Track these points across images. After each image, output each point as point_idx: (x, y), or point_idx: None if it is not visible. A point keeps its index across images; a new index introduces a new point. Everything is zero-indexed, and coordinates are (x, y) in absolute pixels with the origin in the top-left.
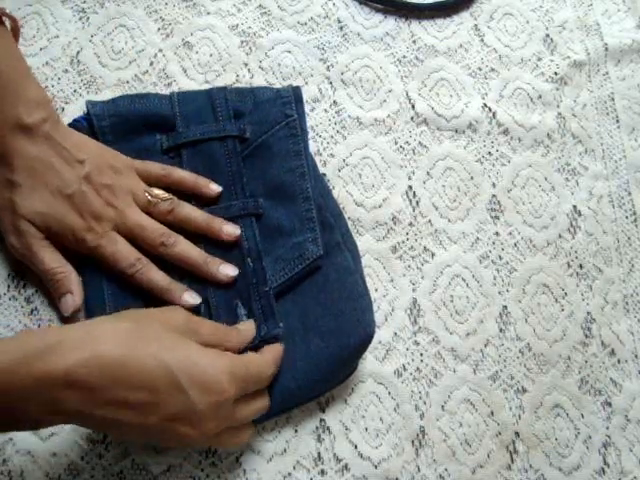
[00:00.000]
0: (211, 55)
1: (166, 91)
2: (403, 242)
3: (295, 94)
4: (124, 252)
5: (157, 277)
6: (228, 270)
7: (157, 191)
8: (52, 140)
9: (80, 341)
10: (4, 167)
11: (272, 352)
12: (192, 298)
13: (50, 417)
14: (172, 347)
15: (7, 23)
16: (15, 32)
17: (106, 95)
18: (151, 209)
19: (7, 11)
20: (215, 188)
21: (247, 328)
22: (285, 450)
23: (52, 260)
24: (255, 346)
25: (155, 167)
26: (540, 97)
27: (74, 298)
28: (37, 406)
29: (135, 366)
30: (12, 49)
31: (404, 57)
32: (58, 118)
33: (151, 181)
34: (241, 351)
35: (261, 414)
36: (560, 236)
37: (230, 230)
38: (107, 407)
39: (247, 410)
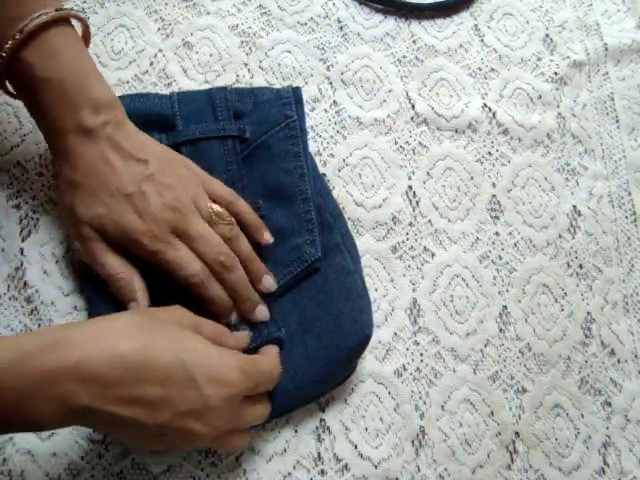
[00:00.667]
0: (211, 55)
1: (166, 91)
2: (403, 242)
3: (295, 95)
4: (187, 259)
5: (220, 292)
6: (261, 315)
7: (220, 210)
8: (113, 141)
9: (93, 334)
10: (68, 167)
11: (273, 353)
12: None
13: (57, 416)
14: (184, 341)
15: (77, 25)
16: (86, 36)
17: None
18: (211, 226)
19: (75, 12)
20: (268, 239)
21: (242, 335)
22: (285, 450)
23: (114, 266)
24: (254, 348)
25: (223, 190)
26: (540, 97)
27: (138, 305)
28: (45, 403)
29: (150, 360)
30: (78, 50)
31: (404, 57)
32: (124, 118)
33: (212, 199)
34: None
35: (262, 421)
36: (560, 236)
37: (268, 284)
38: (119, 404)
39: (251, 413)
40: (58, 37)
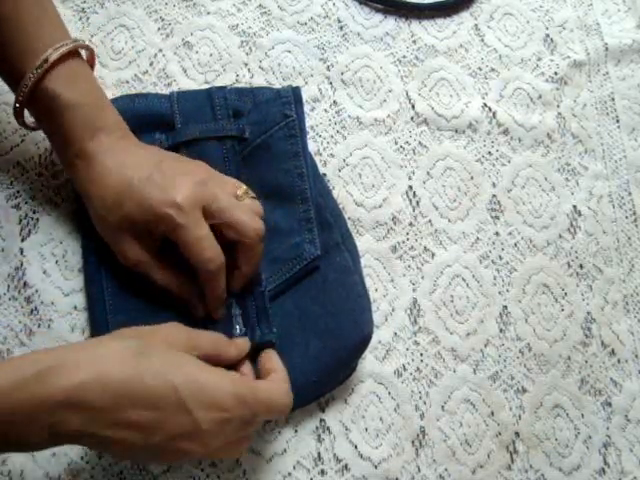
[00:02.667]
0: (211, 55)
1: (166, 91)
2: (403, 242)
3: (295, 95)
4: (209, 242)
5: (224, 285)
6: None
7: (244, 185)
8: (129, 147)
9: (82, 362)
10: (92, 184)
11: (280, 381)
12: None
13: (49, 440)
14: (176, 365)
15: (83, 53)
16: (91, 61)
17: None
18: (238, 200)
19: (84, 42)
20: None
21: (242, 342)
22: (285, 450)
23: (159, 280)
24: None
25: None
26: (540, 97)
27: (196, 308)
28: (38, 429)
29: (140, 385)
30: (91, 77)
31: (404, 57)
32: (130, 133)
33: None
34: (239, 361)
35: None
36: (560, 236)
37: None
38: (111, 428)
39: (246, 428)
40: (75, 65)
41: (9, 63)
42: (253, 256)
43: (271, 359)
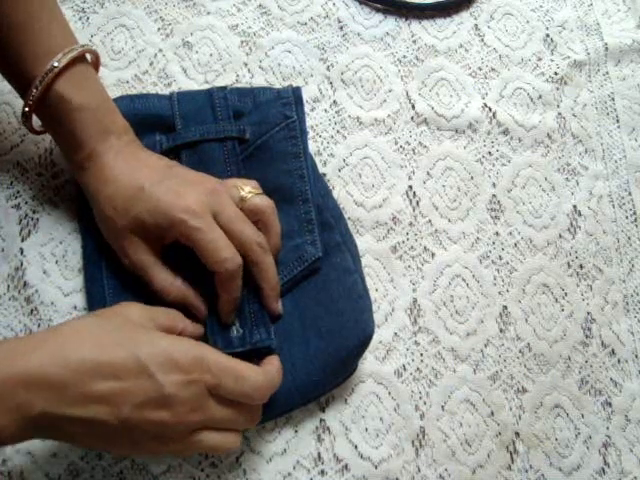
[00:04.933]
0: (211, 55)
1: (166, 91)
2: (403, 242)
3: (295, 95)
4: (224, 242)
5: (240, 285)
6: (279, 307)
7: (250, 187)
8: (139, 151)
9: (40, 342)
10: (102, 184)
11: (270, 363)
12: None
13: (16, 426)
14: (135, 335)
15: (88, 57)
16: (96, 65)
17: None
18: (244, 201)
19: (91, 46)
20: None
21: (197, 326)
22: (285, 450)
23: (164, 279)
24: (248, 353)
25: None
26: (540, 97)
27: (200, 311)
28: (2, 414)
29: (99, 357)
30: (99, 85)
31: (404, 57)
32: (138, 141)
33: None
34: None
35: (223, 452)
36: (560, 236)
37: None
38: (77, 404)
39: (225, 410)
40: (84, 69)
41: (18, 67)
42: (263, 270)
43: (272, 358)
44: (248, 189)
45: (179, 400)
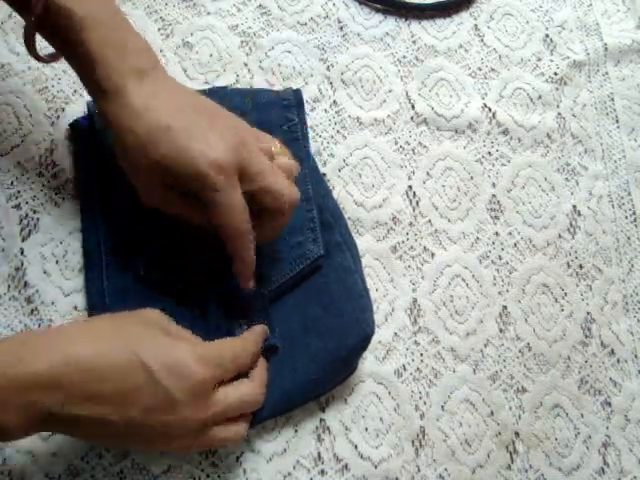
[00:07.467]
0: (211, 55)
1: None
2: (403, 242)
3: (296, 97)
4: (240, 208)
5: (252, 254)
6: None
7: (280, 144)
8: (167, 80)
9: (49, 343)
10: (124, 110)
11: (252, 333)
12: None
13: (24, 423)
14: (141, 338)
15: None
16: None
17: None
18: (273, 158)
19: None
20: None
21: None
22: (285, 450)
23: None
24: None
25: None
26: (540, 97)
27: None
28: (13, 412)
29: (106, 360)
30: (113, 6)
31: (404, 57)
32: (162, 67)
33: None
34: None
35: (236, 444)
36: (560, 236)
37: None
38: (84, 404)
39: (233, 394)
40: None
41: None
42: (278, 224)
43: (254, 328)
44: (279, 147)
45: (186, 403)
